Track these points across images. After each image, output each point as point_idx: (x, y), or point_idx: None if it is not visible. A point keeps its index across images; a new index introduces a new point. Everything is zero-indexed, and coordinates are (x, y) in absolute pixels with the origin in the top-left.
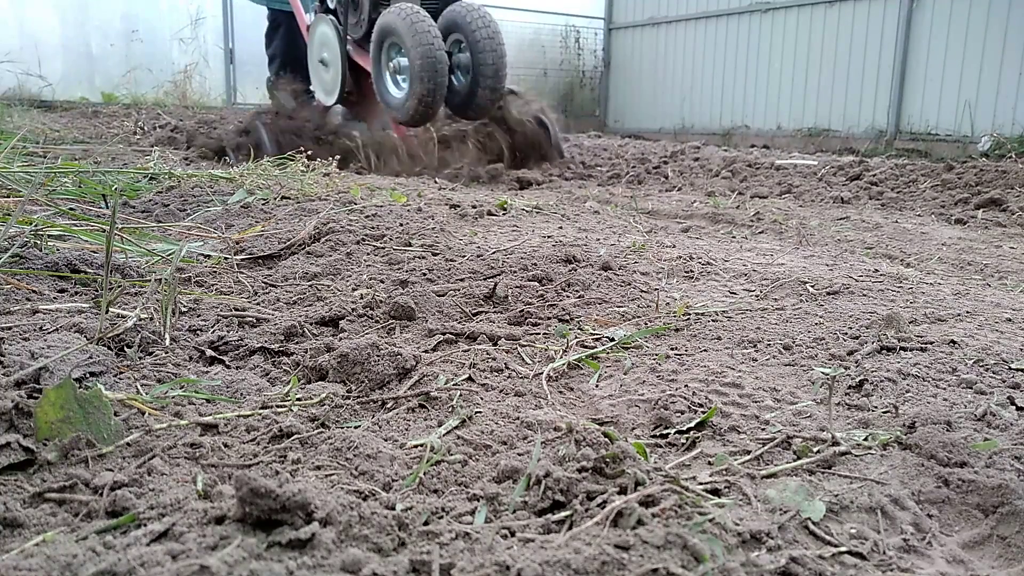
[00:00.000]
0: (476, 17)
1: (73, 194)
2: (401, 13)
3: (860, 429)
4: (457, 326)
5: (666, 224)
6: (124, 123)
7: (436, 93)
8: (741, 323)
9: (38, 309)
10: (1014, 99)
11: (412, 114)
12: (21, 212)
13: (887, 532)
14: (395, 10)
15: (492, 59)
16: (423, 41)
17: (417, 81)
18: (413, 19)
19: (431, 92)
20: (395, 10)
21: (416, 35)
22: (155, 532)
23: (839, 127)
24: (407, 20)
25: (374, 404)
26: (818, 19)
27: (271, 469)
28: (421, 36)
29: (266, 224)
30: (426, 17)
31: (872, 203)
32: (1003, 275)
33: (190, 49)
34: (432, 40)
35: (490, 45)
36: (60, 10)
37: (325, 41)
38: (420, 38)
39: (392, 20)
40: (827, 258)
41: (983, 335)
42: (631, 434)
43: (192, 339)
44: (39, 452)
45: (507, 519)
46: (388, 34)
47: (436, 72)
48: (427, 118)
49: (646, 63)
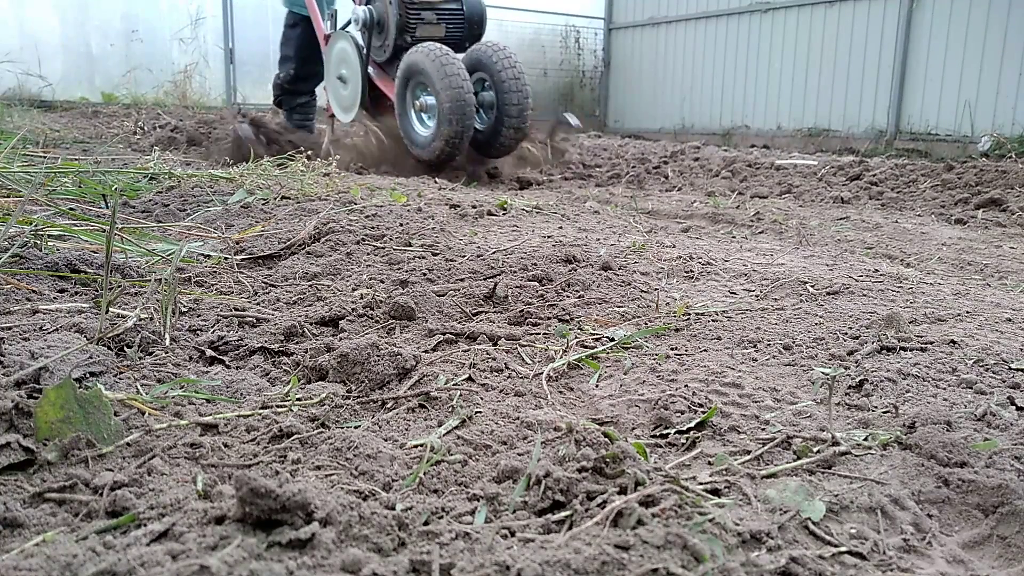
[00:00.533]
0: (502, 57)
1: (73, 194)
2: (430, 54)
3: (860, 429)
4: (457, 326)
5: (666, 224)
6: (124, 123)
7: (464, 135)
8: (741, 323)
9: (38, 309)
10: (1014, 99)
11: (438, 154)
12: (21, 212)
13: (887, 532)
14: (423, 50)
15: (517, 99)
16: (453, 84)
17: (446, 123)
18: (443, 61)
19: (459, 134)
20: (423, 50)
21: (446, 77)
22: (155, 532)
23: (839, 127)
24: (436, 62)
25: (374, 404)
26: (818, 19)
27: (271, 469)
28: (451, 79)
29: (266, 224)
30: (456, 59)
31: (872, 203)
32: (1003, 275)
33: (190, 49)
34: (462, 83)
35: (515, 86)
36: (60, 10)
37: (345, 58)
38: (450, 81)
39: (420, 60)
40: (827, 258)
41: (983, 335)
42: (631, 434)
43: (192, 339)
44: (39, 452)
45: (507, 519)
46: (415, 73)
47: (465, 115)
48: (452, 158)
49: (646, 63)
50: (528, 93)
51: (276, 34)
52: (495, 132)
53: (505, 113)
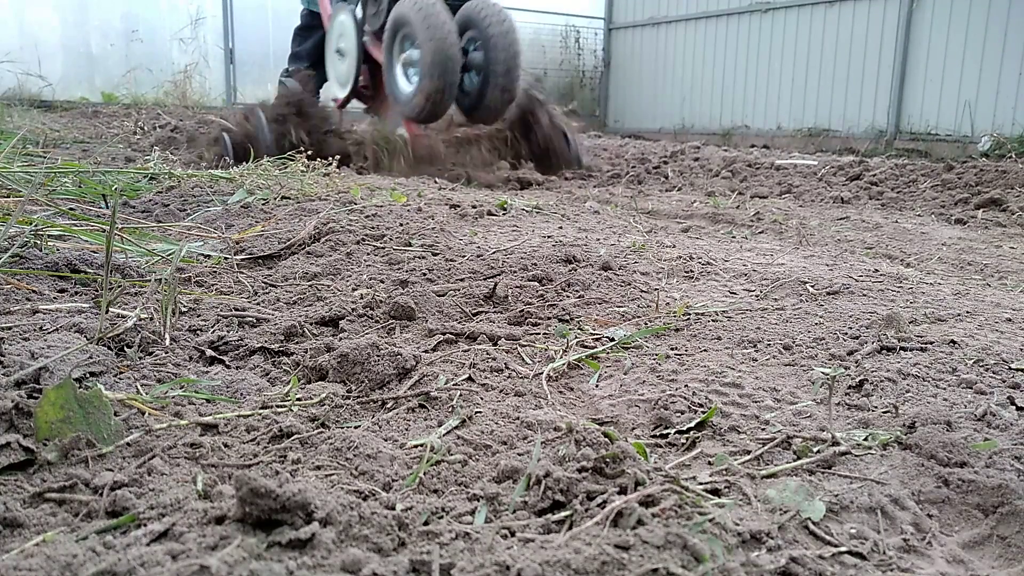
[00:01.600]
0: (491, 12)
1: (73, 194)
2: (416, 4)
3: (860, 429)
4: (457, 326)
5: (666, 224)
6: (124, 123)
7: (446, 91)
8: (741, 323)
9: (38, 309)
10: (1014, 99)
11: (418, 111)
12: (21, 212)
13: (887, 532)
14: (411, 1)
15: (505, 57)
16: (436, 35)
17: (427, 78)
18: (428, 11)
19: (440, 89)
20: (411, 1)
21: (429, 28)
22: (155, 532)
23: (839, 127)
24: (421, 12)
25: (374, 404)
26: (818, 19)
27: (271, 469)
28: (434, 30)
29: (266, 224)
30: (443, 10)
31: (872, 203)
32: (1003, 275)
33: (190, 49)
34: (446, 35)
35: (503, 42)
36: (60, 10)
37: (343, 31)
38: (433, 31)
39: (406, 11)
40: (827, 258)
41: (983, 335)
42: (631, 434)
43: (192, 339)
44: (39, 452)
45: (507, 519)
46: (402, 25)
47: (446, 69)
48: (434, 116)
49: (646, 63)
50: (517, 52)
51: (276, 34)
52: (482, 92)
53: (491, 71)
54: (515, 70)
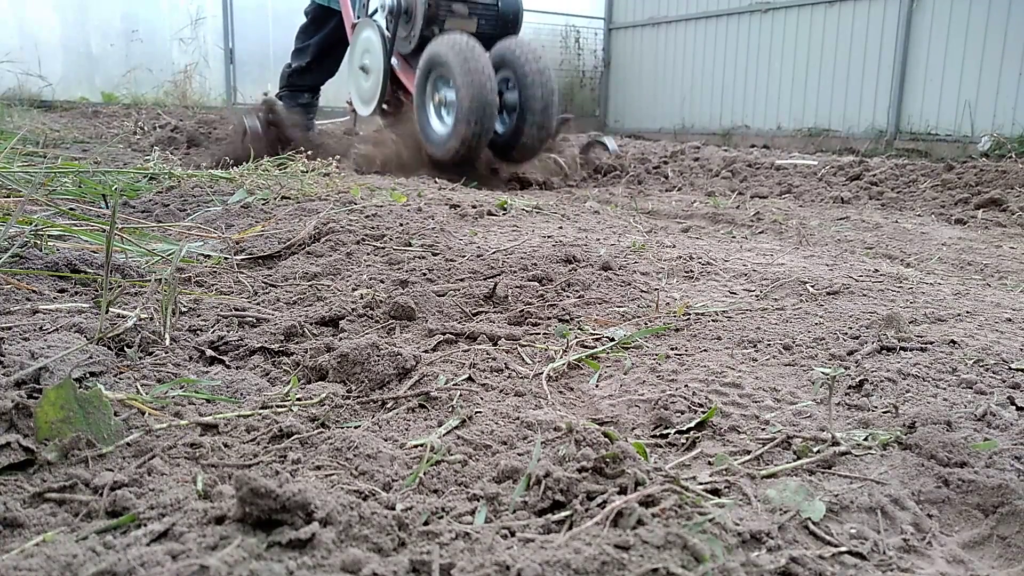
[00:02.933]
0: (527, 51)
1: (73, 194)
2: (455, 46)
3: (860, 429)
4: (457, 326)
5: (666, 224)
6: (124, 123)
7: (482, 137)
8: (741, 323)
9: (38, 309)
10: (1014, 99)
11: (452, 155)
12: (21, 212)
13: (887, 532)
14: (448, 41)
15: (542, 94)
16: (475, 81)
17: (463, 123)
18: (467, 55)
19: (476, 136)
20: (448, 41)
21: (468, 73)
22: (155, 532)
23: (839, 127)
24: (460, 55)
25: (374, 404)
26: (818, 19)
27: (271, 469)
28: (474, 75)
29: (266, 224)
30: (482, 54)
31: (872, 203)
32: (1003, 275)
33: (190, 49)
34: (484, 81)
35: (540, 80)
36: (60, 10)
37: (369, 48)
38: (472, 77)
39: (443, 50)
40: (827, 258)
41: (983, 335)
42: (631, 434)
43: (192, 339)
44: (39, 452)
45: (507, 519)
46: (437, 64)
47: (485, 115)
48: (468, 161)
49: (646, 63)
50: (554, 90)
51: (276, 34)
52: (516, 133)
53: (528, 110)
54: (552, 107)
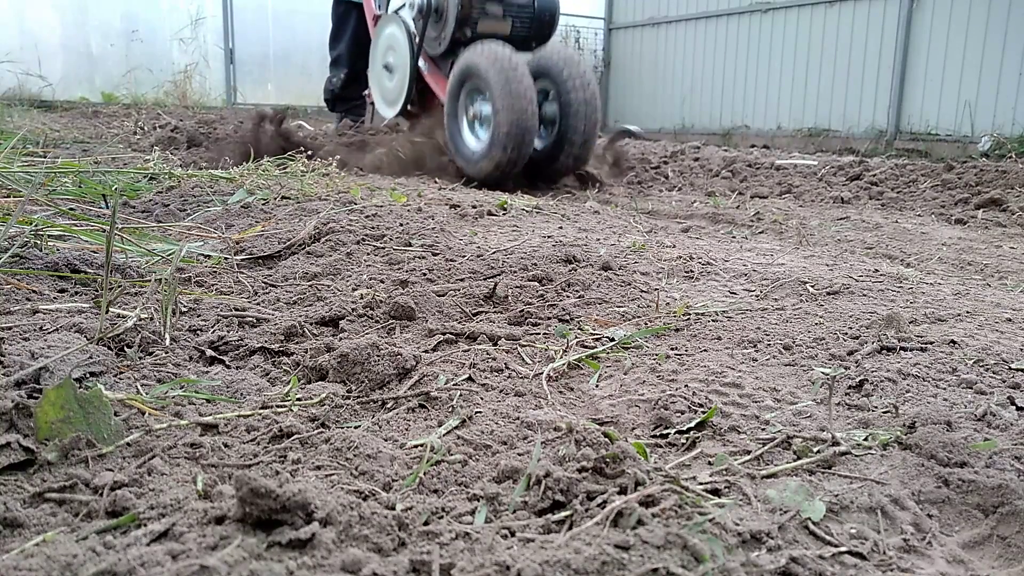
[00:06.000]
0: (574, 72)
1: (73, 194)
2: (497, 62)
3: (860, 429)
4: (457, 326)
5: (666, 224)
6: (124, 123)
7: (518, 162)
8: (741, 323)
9: (38, 309)
10: (1014, 99)
11: (484, 176)
12: (21, 212)
13: (887, 532)
14: (487, 53)
15: (584, 126)
16: (517, 107)
17: (499, 147)
18: (510, 75)
19: (513, 162)
20: (487, 53)
21: (510, 96)
22: (155, 532)
23: (839, 127)
24: (503, 74)
25: (374, 404)
26: (818, 19)
27: (271, 469)
28: (516, 101)
29: (266, 224)
30: (525, 73)
31: (872, 203)
32: (1003, 275)
33: (190, 49)
34: (527, 106)
35: (584, 110)
36: (60, 10)
37: (393, 45)
38: (514, 102)
39: (480, 61)
40: (827, 258)
41: (983, 335)
42: (631, 434)
43: (192, 339)
44: (39, 452)
45: (507, 519)
46: (473, 75)
47: (524, 143)
48: (499, 185)
49: (646, 63)
50: (597, 120)
51: (276, 34)
52: (552, 156)
53: (567, 139)
54: (592, 139)
